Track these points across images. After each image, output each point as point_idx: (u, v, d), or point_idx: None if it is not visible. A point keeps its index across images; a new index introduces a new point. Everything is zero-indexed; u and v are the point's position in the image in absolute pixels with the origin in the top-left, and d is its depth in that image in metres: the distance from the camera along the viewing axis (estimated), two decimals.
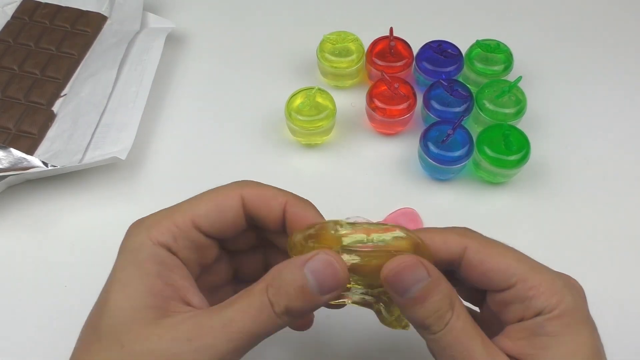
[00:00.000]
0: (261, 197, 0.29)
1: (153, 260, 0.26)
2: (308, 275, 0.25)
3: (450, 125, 0.42)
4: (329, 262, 0.25)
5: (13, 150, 0.42)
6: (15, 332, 0.38)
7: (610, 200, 0.44)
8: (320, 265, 0.25)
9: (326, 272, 0.25)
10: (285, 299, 0.25)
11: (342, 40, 0.48)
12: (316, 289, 0.25)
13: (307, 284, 0.25)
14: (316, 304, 0.25)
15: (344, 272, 0.25)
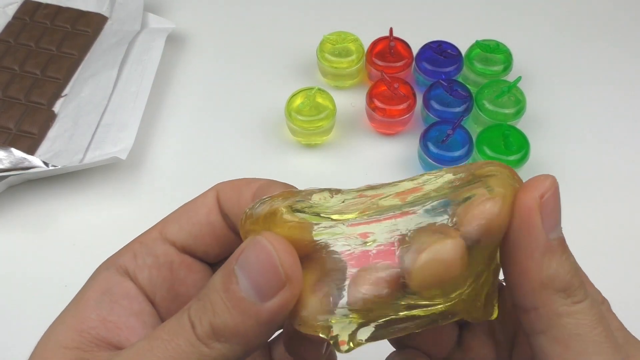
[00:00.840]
0: (234, 188, 0.22)
1: (97, 290, 0.21)
2: (238, 273, 0.17)
3: (450, 125, 0.42)
4: (262, 245, 0.17)
5: (14, 150, 0.42)
6: (15, 332, 0.38)
7: (610, 200, 0.44)
8: (253, 257, 0.17)
9: (260, 262, 0.17)
10: (210, 314, 0.17)
11: (342, 40, 0.48)
12: (251, 291, 0.17)
13: (238, 287, 0.17)
14: (260, 319, 0.17)
15: (291, 265, 0.17)
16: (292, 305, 0.17)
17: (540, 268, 0.19)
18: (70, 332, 0.20)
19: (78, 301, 0.22)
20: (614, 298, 0.39)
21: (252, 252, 0.17)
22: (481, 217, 0.17)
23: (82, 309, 0.21)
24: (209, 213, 0.22)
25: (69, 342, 0.20)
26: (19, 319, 0.39)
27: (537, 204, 0.19)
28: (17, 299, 0.40)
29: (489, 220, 0.17)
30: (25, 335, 0.38)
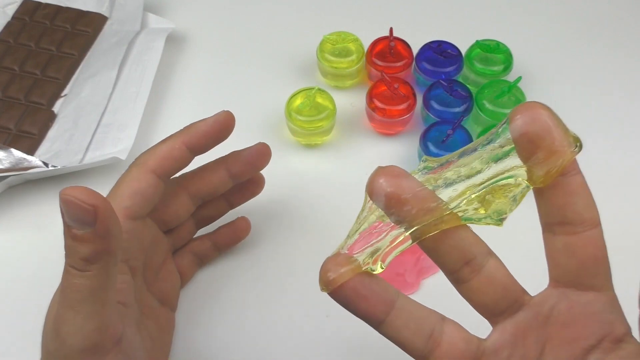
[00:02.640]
0: (167, 158, 0.33)
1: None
2: (68, 222, 0.24)
3: (450, 125, 0.42)
4: (66, 200, 0.24)
5: (13, 151, 0.42)
6: (15, 332, 0.38)
7: (609, 200, 0.44)
8: (64, 208, 0.24)
9: (71, 209, 0.24)
10: (75, 254, 0.25)
11: (342, 40, 0.48)
12: (80, 227, 0.24)
13: (74, 230, 0.24)
14: (92, 239, 0.25)
15: (86, 197, 0.24)
16: (111, 218, 0.25)
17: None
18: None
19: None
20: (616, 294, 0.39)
21: (64, 206, 0.24)
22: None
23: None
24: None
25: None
26: (19, 319, 0.39)
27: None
28: (17, 299, 0.40)
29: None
30: (26, 335, 0.38)
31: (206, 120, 0.34)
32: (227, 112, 0.34)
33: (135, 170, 0.32)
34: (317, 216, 0.43)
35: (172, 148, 0.32)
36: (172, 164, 0.33)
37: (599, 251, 0.25)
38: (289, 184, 0.45)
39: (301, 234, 0.42)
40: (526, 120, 0.22)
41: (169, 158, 0.32)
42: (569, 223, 0.26)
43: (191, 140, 0.33)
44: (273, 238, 0.42)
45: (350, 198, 0.44)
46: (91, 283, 0.25)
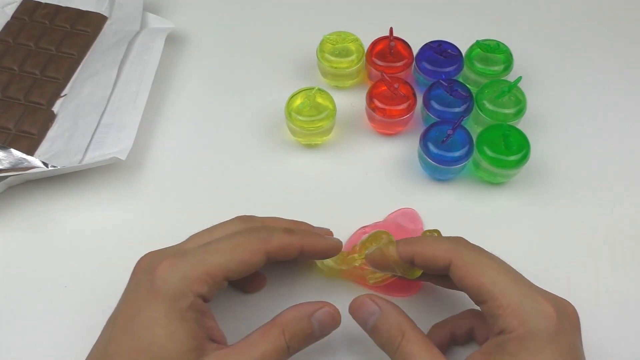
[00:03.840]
0: (283, 250, 0.34)
1: (193, 309, 0.30)
2: (315, 325, 0.32)
3: (450, 125, 0.42)
4: (331, 314, 0.32)
5: (13, 151, 0.42)
6: (15, 332, 0.38)
7: (610, 200, 0.44)
8: (324, 317, 0.32)
9: (328, 321, 0.32)
10: (296, 342, 0.31)
11: (342, 40, 0.48)
12: (319, 333, 0.32)
13: (314, 332, 0.32)
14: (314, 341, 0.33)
15: (339, 317, 0.33)
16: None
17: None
18: (187, 341, 0.30)
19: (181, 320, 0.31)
20: (612, 297, 0.39)
21: (324, 314, 0.32)
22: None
23: (187, 325, 0.31)
24: (259, 266, 0.33)
25: (191, 345, 0.30)
26: (19, 319, 0.39)
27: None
28: (17, 299, 0.40)
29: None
30: (26, 335, 0.38)
31: (328, 242, 0.36)
32: (340, 243, 0.37)
33: (256, 245, 0.33)
34: (317, 216, 0.43)
35: (291, 246, 0.34)
36: (281, 257, 0.34)
37: None
38: (288, 184, 0.45)
39: None
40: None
41: (284, 252, 0.34)
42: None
43: (306, 248, 0.34)
44: None
45: (350, 198, 0.44)
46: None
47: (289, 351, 0.31)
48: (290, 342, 0.31)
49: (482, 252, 0.32)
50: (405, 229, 0.42)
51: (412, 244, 0.34)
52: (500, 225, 0.43)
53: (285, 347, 0.31)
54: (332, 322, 0.33)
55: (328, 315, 0.32)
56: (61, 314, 0.39)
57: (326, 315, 0.32)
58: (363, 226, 0.42)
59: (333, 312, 0.32)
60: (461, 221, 0.43)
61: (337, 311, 0.33)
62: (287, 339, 0.31)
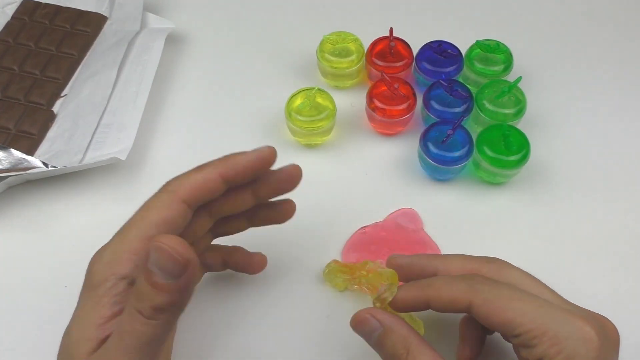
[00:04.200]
0: (201, 189, 0.31)
1: (111, 294, 0.28)
2: (152, 268, 0.25)
3: (450, 125, 0.42)
4: (160, 247, 0.25)
5: (13, 151, 0.42)
6: (15, 332, 0.38)
7: (610, 200, 0.44)
8: (154, 254, 0.25)
9: (163, 258, 0.25)
10: (147, 300, 0.25)
11: (342, 40, 0.48)
12: (164, 276, 0.25)
13: (157, 278, 0.25)
14: (171, 290, 0.25)
15: (184, 252, 0.25)
16: (196, 275, 0.26)
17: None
18: (95, 330, 0.27)
19: (94, 307, 0.28)
20: (612, 297, 0.39)
21: (155, 253, 0.25)
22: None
23: (99, 311, 0.28)
24: (186, 216, 0.31)
25: (97, 335, 0.27)
26: (19, 319, 0.39)
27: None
28: (17, 299, 0.40)
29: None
30: (26, 335, 0.38)
31: (248, 154, 0.32)
32: (270, 148, 0.32)
33: (167, 198, 0.30)
34: (317, 216, 0.43)
35: (207, 179, 0.31)
36: (204, 195, 0.31)
37: None
38: None
39: (301, 234, 0.42)
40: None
41: (203, 189, 0.31)
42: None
43: (229, 173, 0.31)
44: (272, 237, 0.42)
45: (350, 198, 0.44)
46: (153, 332, 0.26)
47: (145, 315, 0.26)
48: (139, 305, 0.26)
49: (501, 285, 0.30)
50: (405, 229, 0.42)
51: (423, 288, 0.31)
52: (500, 225, 0.43)
53: (136, 314, 0.26)
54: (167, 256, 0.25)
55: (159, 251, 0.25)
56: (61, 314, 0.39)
57: (157, 253, 0.25)
58: (363, 226, 0.42)
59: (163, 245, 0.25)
60: (461, 221, 0.43)
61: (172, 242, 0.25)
62: (134, 304, 0.26)
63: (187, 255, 0.25)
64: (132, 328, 0.26)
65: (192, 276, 0.25)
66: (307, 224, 0.43)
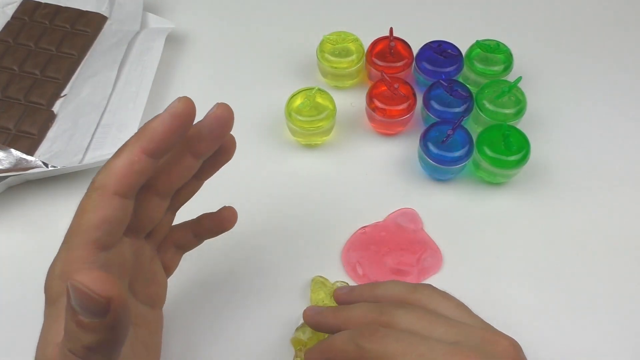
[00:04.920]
0: (127, 168, 0.28)
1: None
2: (75, 307, 0.22)
3: (450, 125, 0.42)
4: (75, 287, 0.21)
5: (13, 151, 0.42)
6: (15, 332, 0.38)
7: (610, 200, 0.44)
8: (73, 294, 0.22)
9: (81, 298, 0.22)
10: (77, 341, 0.23)
11: (342, 40, 0.48)
12: (92, 316, 0.22)
13: (76, 316, 0.22)
14: (98, 329, 0.22)
15: (100, 288, 0.21)
16: (124, 309, 0.22)
17: None
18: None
19: (57, 323, 0.26)
20: (612, 297, 0.39)
21: (73, 293, 0.22)
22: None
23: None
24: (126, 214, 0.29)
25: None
26: (19, 319, 0.39)
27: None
28: (17, 299, 0.40)
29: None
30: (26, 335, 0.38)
31: (161, 117, 0.29)
32: (184, 101, 0.29)
33: (97, 197, 0.28)
34: (317, 216, 0.43)
35: (130, 162, 0.27)
36: (135, 180, 0.28)
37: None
38: (288, 184, 0.45)
39: (301, 234, 0.42)
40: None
41: (130, 174, 0.27)
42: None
43: (149, 146, 0.28)
44: (272, 237, 0.42)
45: (350, 198, 0.44)
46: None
47: (75, 353, 0.24)
48: (69, 345, 0.24)
49: (390, 339, 0.30)
50: (405, 229, 0.42)
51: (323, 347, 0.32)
52: (500, 225, 0.43)
53: (66, 353, 0.24)
54: (87, 298, 0.22)
55: (74, 288, 0.22)
56: None
57: (73, 290, 0.22)
58: (363, 226, 0.42)
59: (76, 284, 0.22)
60: (461, 221, 0.43)
61: (86, 278, 0.22)
62: (65, 344, 0.24)
63: (107, 293, 0.21)
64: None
65: (118, 312, 0.22)
66: (307, 224, 0.43)
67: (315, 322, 0.35)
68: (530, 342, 0.32)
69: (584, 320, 0.38)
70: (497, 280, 0.40)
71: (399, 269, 0.40)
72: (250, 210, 0.43)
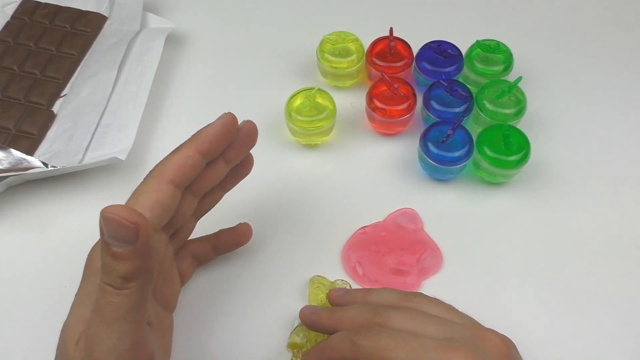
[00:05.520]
0: (183, 167, 0.32)
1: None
2: (109, 241, 0.25)
3: (450, 125, 0.42)
4: (107, 217, 0.25)
5: (13, 151, 0.42)
6: (15, 332, 0.38)
7: (610, 200, 0.44)
8: (105, 226, 0.25)
9: (113, 227, 0.25)
10: (114, 272, 0.26)
11: (342, 40, 0.48)
12: (120, 245, 0.25)
13: (115, 248, 0.25)
14: (131, 256, 0.26)
15: (128, 215, 0.25)
16: (151, 236, 0.26)
17: None
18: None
19: (93, 292, 0.29)
20: (612, 297, 0.39)
21: (105, 224, 0.25)
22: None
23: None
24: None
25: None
26: (19, 319, 0.39)
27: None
28: (17, 299, 0.40)
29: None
30: (26, 335, 0.38)
31: (214, 124, 0.33)
32: (230, 114, 0.34)
33: (154, 182, 0.31)
34: (317, 216, 0.43)
35: (186, 157, 0.32)
36: (188, 173, 0.32)
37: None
38: (288, 184, 0.45)
39: (301, 234, 0.42)
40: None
41: (185, 167, 0.32)
42: None
43: (203, 146, 0.32)
44: (272, 237, 0.42)
45: (350, 198, 0.44)
46: (129, 301, 0.26)
47: (116, 287, 0.27)
48: (107, 279, 0.27)
49: (382, 335, 0.31)
50: (405, 229, 0.42)
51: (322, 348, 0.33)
52: (500, 225, 0.43)
53: (105, 287, 0.27)
54: (115, 221, 0.25)
55: (108, 220, 0.25)
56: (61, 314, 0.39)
57: (107, 222, 0.25)
58: (363, 226, 0.42)
59: (112, 215, 0.25)
60: (461, 221, 0.43)
61: (115, 208, 0.25)
62: (103, 278, 0.27)
63: (134, 219, 0.25)
64: (106, 302, 0.26)
65: (147, 237, 0.25)
66: (307, 224, 0.43)
67: (310, 321, 0.35)
68: (530, 342, 0.32)
69: (584, 320, 0.38)
70: (497, 280, 0.40)
71: (399, 269, 0.40)
72: (250, 210, 0.43)
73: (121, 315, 0.26)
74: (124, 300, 0.26)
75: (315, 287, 0.39)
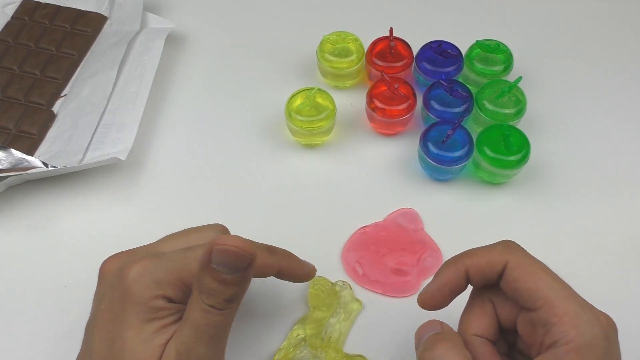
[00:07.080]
0: (263, 268, 0.34)
1: (160, 309, 0.30)
2: (216, 268, 0.28)
3: (450, 125, 0.42)
4: (223, 250, 0.27)
5: (13, 151, 0.42)
6: (15, 332, 0.38)
7: (610, 200, 0.44)
8: (219, 256, 0.27)
9: (229, 257, 0.27)
10: (220, 296, 0.28)
11: (342, 40, 0.48)
12: (227, 272, 0.28)
13: (220, 275, 0.28)
14: (239, 281, 0.28)
15: (245, 246, 0.27)
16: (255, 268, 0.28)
17: None
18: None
19: (142, 325, 0.30)
20: (611, 297, 0.39)
21: (220, 254, 0.27)
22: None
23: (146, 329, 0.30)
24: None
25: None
26: (19, 319, 0.39)
27: None
28: (17, 299, 0.40)
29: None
30: (26, 335, 0.38)
31: (306, 267, 0.36)
32: (314, 268, 0.37)
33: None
34: (317, 216, 0.43)
35: (272, 265, 0.34)
36: (259, 273, 0.34)
37: None
38: (288, 184, 0.45)
39: (301, 234, 0.42)
40: None
41: (263, 269, 0.34)
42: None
43: (283, 272, 0.35)
44: (272, 237, 0.42)
45: (350, 198, 0.44)
46: (226, 320, 0.29)
47: (218, 308, 0.29)
48: (210, 301, 0.29)
49: (535, 258, 0.30)
50: (405, 228, 0.42)
51: (460, 258, 0.31)
52: (500, 225, 0.43)
53: (208, 309, 0.29)
54: (228, 254, 0.28)
55: (221, 252, 0.28)
56: (61, 314, 0.39)
57: (220, 254, 0.28)
58: (363, 226, 0.42)
59: (224, 247, 0.27)
60: (461, 221, 0.43)
61: (232, 241, 0.27)
62: (204, 300, 0.29)
63: (251, 250, 0.27)
64: (208, 321, 0.28)
65: (254, 265, 0.28)
66: (307, 224, 0.43)
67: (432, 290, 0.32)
68: None
69: None
70: None
71: (399, 269, 0.40)
72: (250, 210, 0.43)
73: (218, 332, 0.29)
74: (223, 319, 0.29)
75: (315, 288, 0.39)
